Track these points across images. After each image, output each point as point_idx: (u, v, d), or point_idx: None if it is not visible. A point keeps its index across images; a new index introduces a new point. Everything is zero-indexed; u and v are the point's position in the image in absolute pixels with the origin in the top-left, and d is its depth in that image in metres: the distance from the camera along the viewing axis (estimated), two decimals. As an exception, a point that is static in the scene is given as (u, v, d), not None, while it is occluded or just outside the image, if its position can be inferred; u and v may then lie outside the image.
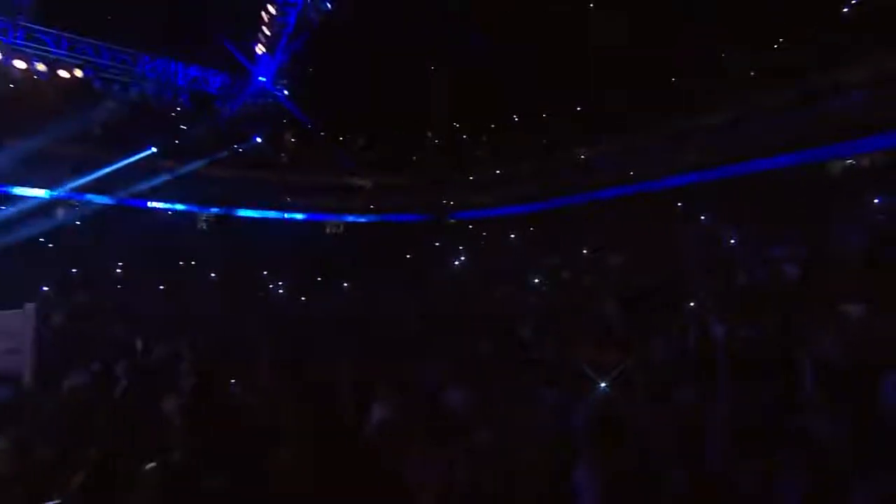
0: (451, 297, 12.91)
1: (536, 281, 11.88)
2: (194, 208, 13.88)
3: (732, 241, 10.51)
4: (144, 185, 12.18)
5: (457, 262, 16.80)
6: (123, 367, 6.84)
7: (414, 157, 17.35)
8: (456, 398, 5.13)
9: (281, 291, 14.12)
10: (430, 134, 17.19)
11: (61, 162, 10.90)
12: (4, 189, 11.24)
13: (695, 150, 12.01)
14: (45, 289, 9.36)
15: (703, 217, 11.57)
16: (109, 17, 10.97)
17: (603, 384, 4.93)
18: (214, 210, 13.97)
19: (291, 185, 15.81)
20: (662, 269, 9.20)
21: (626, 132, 13.30)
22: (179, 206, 13.71)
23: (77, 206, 11.50)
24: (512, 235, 15.84)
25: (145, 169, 12.30)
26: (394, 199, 17.48)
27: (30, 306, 7.20)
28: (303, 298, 13.24)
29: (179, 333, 8.25)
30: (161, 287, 11.72)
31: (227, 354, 6.99)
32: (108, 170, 11.33)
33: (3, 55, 9.63)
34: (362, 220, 17.21)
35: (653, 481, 3.33)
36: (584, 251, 12.27)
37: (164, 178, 12.47)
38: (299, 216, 16.30)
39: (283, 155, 15.36)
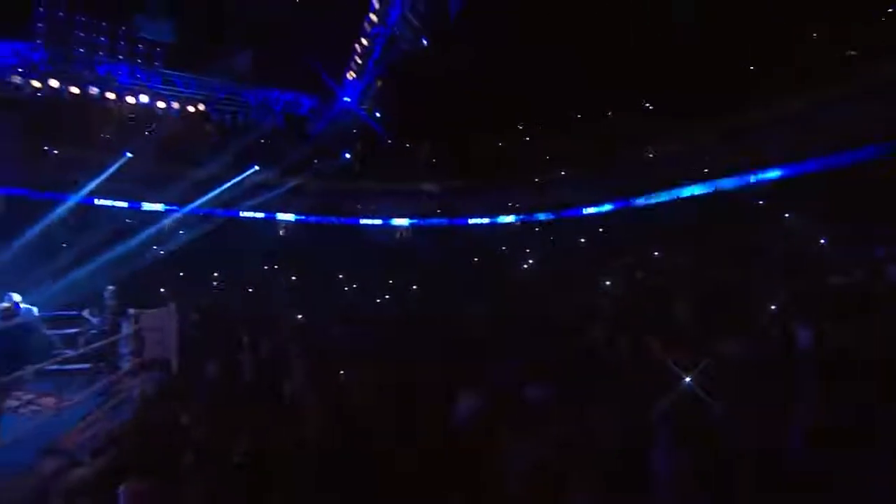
0: (524, 298, 13.30)
1: (609, 282, 11.98)
2: (305, 218, 15.72)
3: (822, 241, 9.99)
4: (253, 199, 14.00)
5: (528, 265, 17.09)
6: (248, 358, 8.12)
7: (480, 161, 17.80)
8: (536, 394, 5.63)
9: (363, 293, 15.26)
10: (496, 136, 17.50)
11: (186, 181, 12.90)
12: (135, 205, 13.47)
13: (775, 144, 11.39)
14: (163, 290, 11.16)
15: (787, 215, 11.05)
16: (221, 57, 12.71)
17: (680, 382, 5.15)
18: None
19: (367, 193, 16.99)
20: (740, 268, 9.02)
21: (699, 127, 12.87)
22: (285, 216, 15.62)
23: (205, 220, 13.42)
24: (582, 237, 15.85)
25: (252, 184, 14.03)
26: (461, 202, 17.93)
27: (172, 306, 8.68)
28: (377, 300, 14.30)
29: (288, 331, 9.53)
30: (250, 289, 13.35)
31: (331, 351, 7.99)
32: (224, 186, 13.26)
33: (149, 98, 11.65)
34: (432, 223, 18.06)
35: (727, 475, 3.58)
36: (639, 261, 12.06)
37: (268, 191, 14.20)
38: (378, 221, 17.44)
39: (359, 164, 16.54)
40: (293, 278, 15.30)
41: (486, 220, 17.54)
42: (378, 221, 17.47)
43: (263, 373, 8.19)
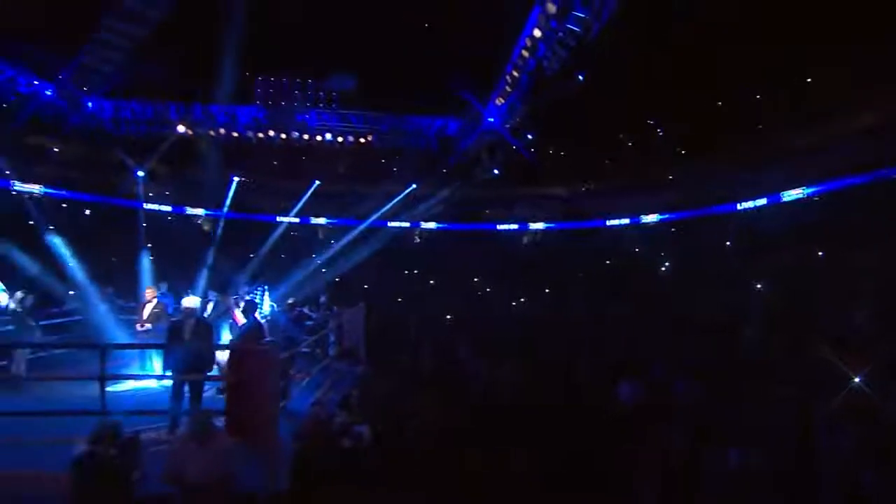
0: (667, 298, 13.07)
1: (759, 284, 11.27)
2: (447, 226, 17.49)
3: None
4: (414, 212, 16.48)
5: (670, 264, 16.49)
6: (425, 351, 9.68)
7: (606, 163, 17.61)
8: (682, 388, 6.01)
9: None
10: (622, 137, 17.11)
11: (364, 200, 15.87)
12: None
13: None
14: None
15: None
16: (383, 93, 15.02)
17: (850, 383, 5.04)
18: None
19: (505, 199, 18.04)
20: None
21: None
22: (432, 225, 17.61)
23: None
24: (731, 234, 14.83)
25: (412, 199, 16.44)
26: (599, 203, 17.82)
27: (361, 305, 10.66)
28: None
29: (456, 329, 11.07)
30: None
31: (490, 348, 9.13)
32: (392, 203, 15.83)
33: (332, 136, 14.58)
34: (561, 227, 18.29)
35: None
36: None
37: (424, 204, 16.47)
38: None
39: (501, 174, 17.65)
40: (431, 282, 17.21)
41: (626, 221, 17.29)
42: (514, 226, 18.40)
43: (435, 359, 9.71)
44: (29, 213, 13.61)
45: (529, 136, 14.54)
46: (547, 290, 17.01)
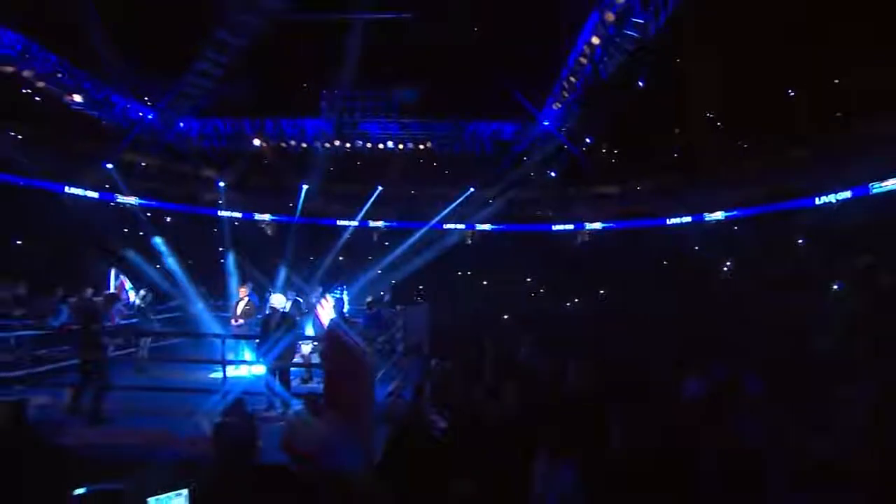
0: (735, 298, 12.73)
1: (835, 285, 10.74)
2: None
3: None
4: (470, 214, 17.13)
5: (734, 263, 15.95)
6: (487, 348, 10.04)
7: (665, 161, 17.20)
8: (750, 386, 6.05)
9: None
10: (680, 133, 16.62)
11: (423, 203, 16.65)
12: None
13: None
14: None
15: None
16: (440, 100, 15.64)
17: None
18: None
19: (561, 200, 18.16)
20: None
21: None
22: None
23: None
24: (805, 231, 14.13)
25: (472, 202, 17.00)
26: (646, 203, 17.69)
27: (424, 305, 11.25)
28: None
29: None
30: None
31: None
32: (450, 206, 16.53)
33: (392, 144, 15.43)
34: (619, 226, 18.09)
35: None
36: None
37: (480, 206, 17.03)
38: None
39: (551, 175, 17.82)
40: (484, 282, 17.61)
41: (688, 219, 16.89)
42: (570, 226, 18.44)
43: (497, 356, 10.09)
44: (137, 221, 15.41)
45: (588, 140, 14.64)
46: (603, 290, 16.94)
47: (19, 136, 13.21)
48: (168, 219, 17.25)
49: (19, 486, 3.69)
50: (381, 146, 15.95)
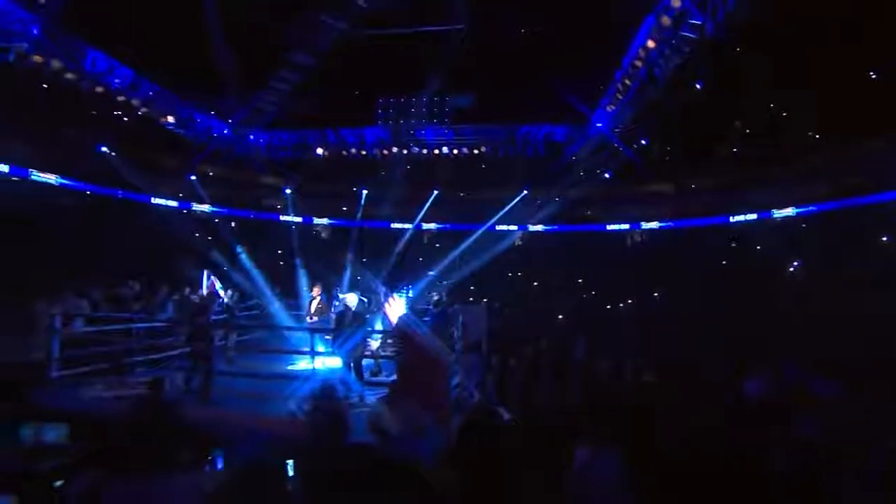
0: (797, 298, 12.29)
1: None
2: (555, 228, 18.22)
3: None
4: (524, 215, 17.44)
5: (797, 263, 15.24)
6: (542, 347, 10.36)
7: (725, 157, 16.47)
8: (819, 386, 6.00)
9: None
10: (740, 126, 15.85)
11: (478, 206, 17.18)
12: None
13: None
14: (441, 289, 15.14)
15: None
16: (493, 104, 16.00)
17: None
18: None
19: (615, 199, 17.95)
20: None
21: None
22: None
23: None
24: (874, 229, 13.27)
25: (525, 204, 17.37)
26: (706, 201, 17.06)
27: (484, 304, 11.66)
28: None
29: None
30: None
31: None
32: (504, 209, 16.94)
33: (447, 149, 16.07)
34: (678, 225, 17.61)
35: None
36: None
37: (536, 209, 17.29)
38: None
39: (605, 176, 17.64)
40: (534, 283, 17.75)
41: (753, 217, 16.05)
42: (625, 226, 18.16)
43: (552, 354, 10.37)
44: (213, 228, 16.88)
45: (643, 142, 14.53)
46: (658, 290, 16.66)
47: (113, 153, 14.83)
48: (232, 224, 18.50)
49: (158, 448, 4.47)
50: (436, 151, 16.54)
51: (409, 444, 4.89)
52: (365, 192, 17.59)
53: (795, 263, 15.47)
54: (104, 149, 14.38)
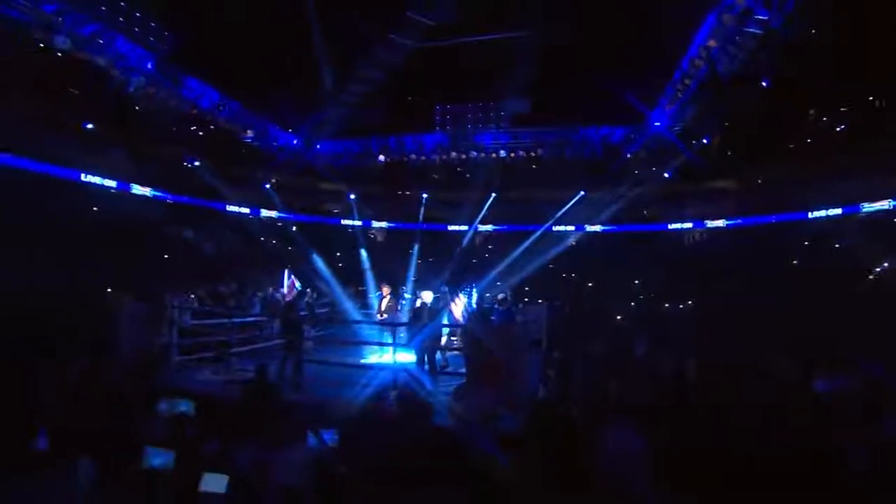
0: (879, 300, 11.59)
1: None
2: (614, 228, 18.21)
3: None
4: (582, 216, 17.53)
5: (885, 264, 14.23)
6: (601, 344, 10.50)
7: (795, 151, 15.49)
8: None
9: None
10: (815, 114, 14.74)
11: (536, 208, 17.48)
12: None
13: None
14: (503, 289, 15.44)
15: None
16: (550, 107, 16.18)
17: None
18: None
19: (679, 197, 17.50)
20: None
21: None
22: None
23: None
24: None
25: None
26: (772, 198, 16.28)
27: (543, 304, 11.94)
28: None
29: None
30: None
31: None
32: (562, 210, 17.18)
33: (504, 153, 16.47)
34: (747, 222, 16.91)
35: None
36: None
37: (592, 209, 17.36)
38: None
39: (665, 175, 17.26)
40: (592, 283, 17.59)
41: (837, 211, 15.14)
42: (688, 225, 17.66)
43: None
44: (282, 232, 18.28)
45: (704, 141, 14.20)
46: (722, 290, 16.07)
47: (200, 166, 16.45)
48: (294, 227, 19.62)
49: (263, 423, 5.24)
50: (493, 155, 16.98)
51: (482, 428, 5.39)
52: (425, 195, 18.32)
53: (886, 263, 14.38)
54: (196, 163, 16.02)
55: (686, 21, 11.71)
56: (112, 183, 14.19)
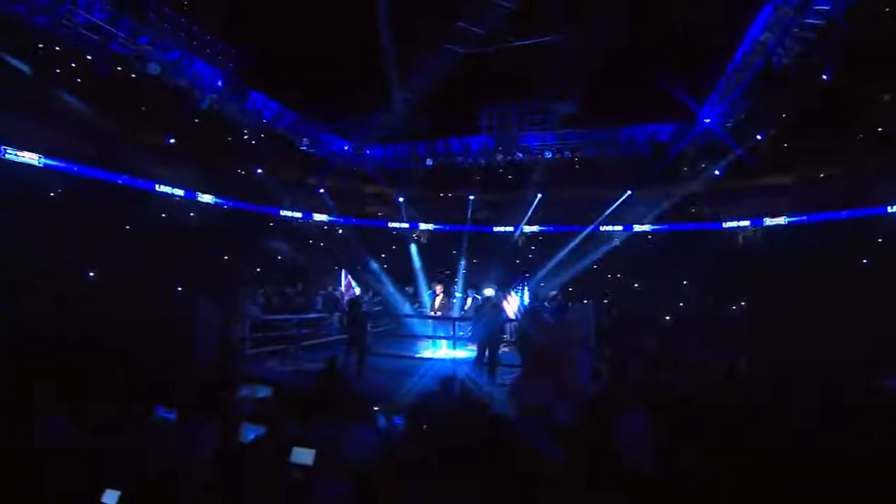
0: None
1: None
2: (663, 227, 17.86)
3: None
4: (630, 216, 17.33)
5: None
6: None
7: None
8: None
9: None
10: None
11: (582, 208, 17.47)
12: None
13: None
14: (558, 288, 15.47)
15: None
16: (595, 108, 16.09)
17: None
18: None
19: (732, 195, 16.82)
20: None
21: None
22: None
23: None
24: None
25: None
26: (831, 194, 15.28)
27: (590, 303, 11.99)
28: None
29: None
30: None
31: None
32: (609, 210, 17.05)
33: (550, 154, 16.51)
34: (813, 219, 16.00)
35: None
36: None
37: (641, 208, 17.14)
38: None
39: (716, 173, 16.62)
40: (640, 283, 17.26)
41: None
42: (745, 223, 16.92)
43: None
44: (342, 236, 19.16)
45: (758, 137, 13.68)
46: (777, 289, 15.33)
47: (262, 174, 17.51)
48: (339, 230, 20.40)
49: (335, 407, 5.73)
50: (539, 156, 17.09)
51: (537, 421, 5.65)
52: (471, 197, 18.65)
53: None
54: (259, 171, 17.12)
55: (738, 14, 11.42)
56: (180, 192, 15.42)
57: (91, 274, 11.17)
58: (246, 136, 16.18)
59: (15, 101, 10.73)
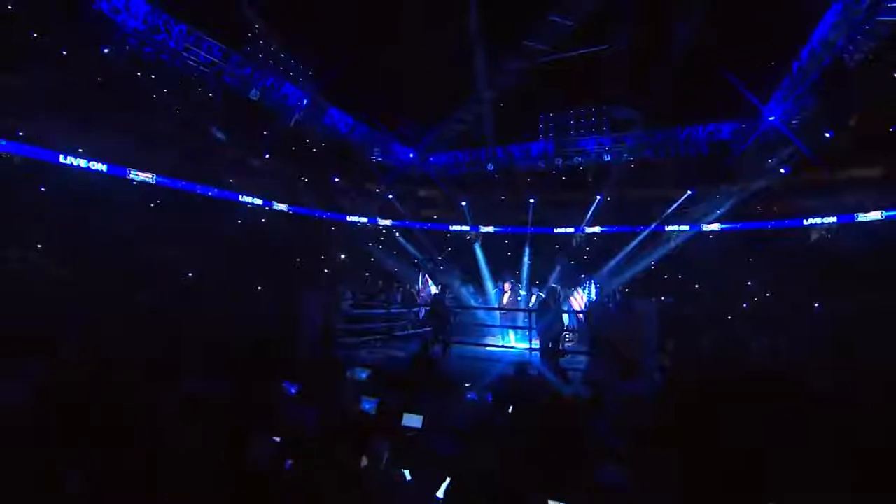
0: None
1: None
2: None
3: None
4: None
5: None
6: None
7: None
8: None
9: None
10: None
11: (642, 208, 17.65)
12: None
13: None
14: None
15: None
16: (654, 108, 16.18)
17: None
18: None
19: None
20: None
21: None
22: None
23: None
24: None
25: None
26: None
27: (652, 300, 12.30)
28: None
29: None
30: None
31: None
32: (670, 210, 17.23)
33: (609, 157, 16.87)
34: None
35: None
36: None
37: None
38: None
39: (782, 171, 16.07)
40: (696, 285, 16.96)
41: None
42: (832, 219, 15.97)
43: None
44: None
45: (827, 135, 13.23)
46: (860, 290, 14.55)
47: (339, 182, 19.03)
48: (396, 233, 21.34)
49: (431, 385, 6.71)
50: (597, 159, 17.42)
51: (620, 387, 6.35)
52: (532, 200, 19.21)
53: None
54: (336, 179, 18.70)
55: (805, 11, 11.31)
56: (258, 201, 17.12)
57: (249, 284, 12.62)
58: (323, 148, 17.70)
59: (138, 132, 12.43)
